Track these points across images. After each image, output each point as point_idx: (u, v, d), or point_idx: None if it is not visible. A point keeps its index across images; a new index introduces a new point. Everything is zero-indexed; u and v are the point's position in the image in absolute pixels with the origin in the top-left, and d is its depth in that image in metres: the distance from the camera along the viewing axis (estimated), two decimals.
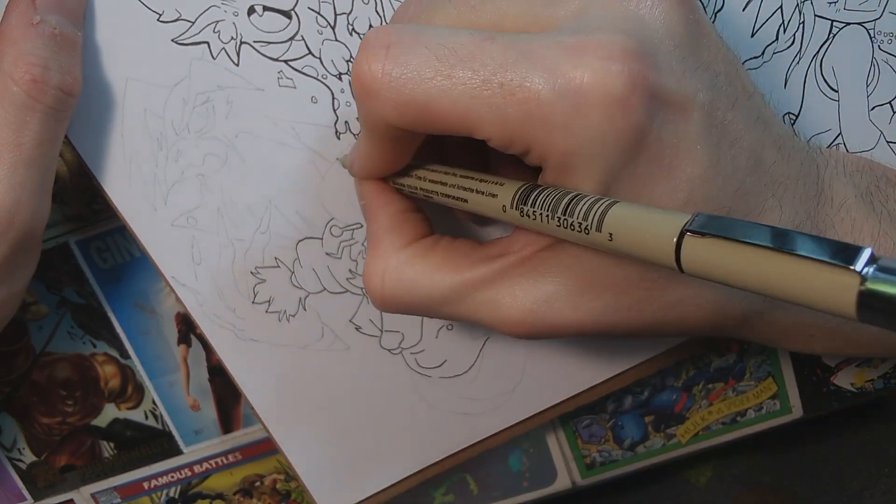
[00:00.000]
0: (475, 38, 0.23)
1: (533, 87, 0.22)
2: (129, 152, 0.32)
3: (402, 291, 0.27)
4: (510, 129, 0.22)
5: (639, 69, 0.22)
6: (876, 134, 0.32)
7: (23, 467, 0.43)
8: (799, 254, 0.17)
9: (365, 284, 0.28)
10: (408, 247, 0.28)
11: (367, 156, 0.27)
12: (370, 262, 0.28)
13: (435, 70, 0.22)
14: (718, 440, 0.41)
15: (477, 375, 0.35)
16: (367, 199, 0.29)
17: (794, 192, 0.26)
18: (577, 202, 0.22)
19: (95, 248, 0.38)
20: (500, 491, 0.43)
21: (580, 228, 0.22)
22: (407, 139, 0.26)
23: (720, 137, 0.24)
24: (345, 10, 0.30)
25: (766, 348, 0.39)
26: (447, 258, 0.27)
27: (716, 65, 0.24)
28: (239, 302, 0.34)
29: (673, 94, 0.22)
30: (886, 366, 0.39)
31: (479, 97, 0.22)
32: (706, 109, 0.23)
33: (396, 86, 0.23)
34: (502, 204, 0.24)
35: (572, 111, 0.22)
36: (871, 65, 0.31)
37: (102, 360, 0.40)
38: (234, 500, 0.44)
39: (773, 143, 0.25)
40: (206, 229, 0.33)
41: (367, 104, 0.24)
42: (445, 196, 0.27)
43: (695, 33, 0.24)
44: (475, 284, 0.26)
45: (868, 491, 0.44)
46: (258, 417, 0.36)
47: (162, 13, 0.30)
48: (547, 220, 0.23)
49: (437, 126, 0.23)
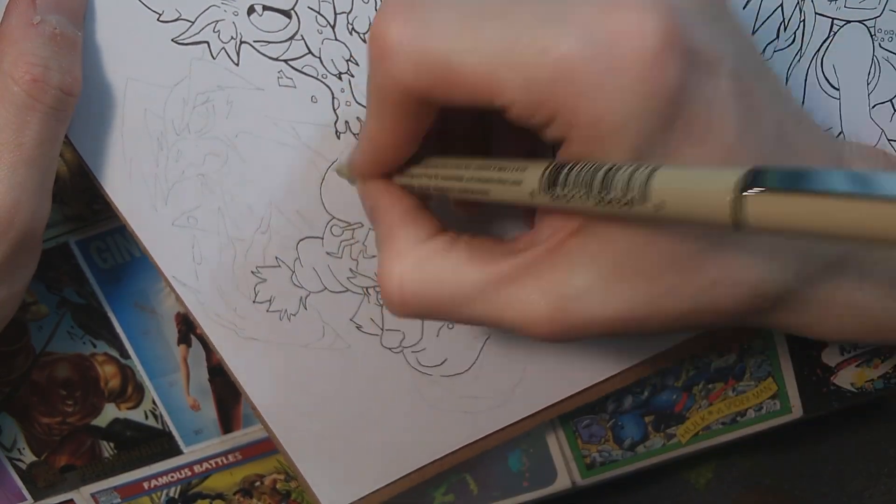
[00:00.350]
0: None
1: (564, 45, 0.21)
2: (129, 152, 0.32)
3: (424, 289, 0.25)
4: (537, 91, 0.21)
5: (673, 24, 0.21)
6: (877, 132, 0.32)
7: (23, 467, 0.43)
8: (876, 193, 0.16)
9: (381, 286, 0.26)
10: (426, 242, 0.26)
11: (373, 140, 0.26)
12: (385, 262, 0.26)
13: (461, 27, 0.22)
14: (718, 440, 0.41)
15: (477, 374, 0.35)
16: (373, 199, 0.28)
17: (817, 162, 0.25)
18: (615, 173, 0.20)
19: (95, 248, 0.38)
20: (500, 491, 0.43)
21: (623, 202, 0.20)
22: (418, 117, 0.24)
23: (748, 106, 0.23)
24: (345, 10, 0.30)
25: (766, 348, 0.39)
26: (470, 253, 0.25)
27: (737, 36, 0.24)
28: (240, 301, 0.34)
29: (705, 53, 0.22)
30: (886, 366, 0.39)
31: (508, 56, 0.21)
32: (734, 75, 0.22)
33: (418, 44, 0.22)
34: (529, 190, 0.23)
35: (605, 70, 0.21)
36: (872, 63, 0.31)
37: (102, 360, 0.40)
38: (234, 500, 0.44)
39: (793, 117, 0.25)
40: (207, 229, 0.33)
41: (384, 66, 0.23)
42: (464, 190, 0.25)
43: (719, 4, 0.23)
44: (502, 280, 0.25)
45: (868, 491, 0.44)
46: (259, 416, 0.36)
47: (162, 13, 0.30)
48: (583, 199, 0.21)
49: (458, 90, 0.22)
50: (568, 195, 0.21)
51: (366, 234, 0.33)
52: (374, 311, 0.34)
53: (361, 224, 0.33)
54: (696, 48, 0.21)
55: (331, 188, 0.32)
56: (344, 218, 0.33)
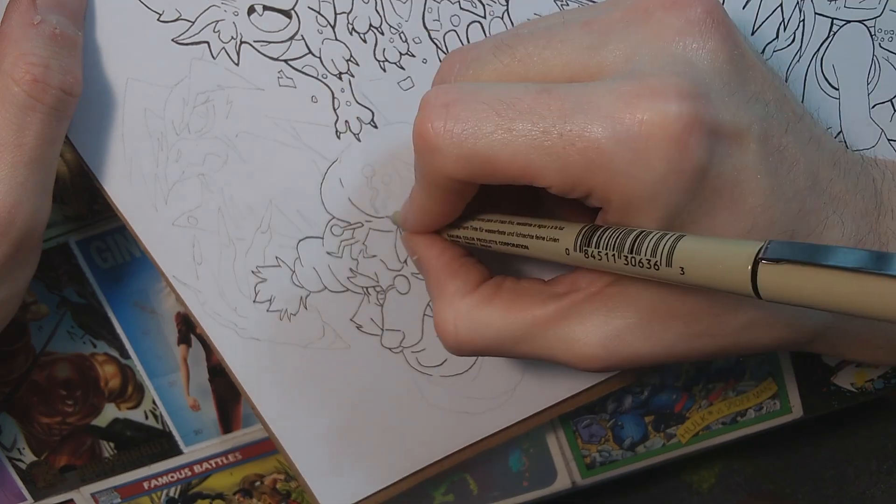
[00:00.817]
0: (531, 91, 0.23)
1: (592, 135, 0.22)
2: (129, 152, 0.32)
3: (476, 335, 0.28)
4: (571, 176, 0.23)
5: (694, 109, 0.22)
6: (877, 132, 0.32)
7: (23, 467, 0.43)
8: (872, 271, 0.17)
9: (438, 332, 0.29)
10: (475, 291, 0.28)
11: (424, 210, 0.28)
12: (440, 310, 0.28)
13: (495, 124, 0.23)
14: (719, 440, 0.41)
15: (477, 374, 0.35)
16: (420, 251, 0.30)
17: (853, 207, 0.26)
18: (643, 239, 0.22)
19: (95, 248, 0.38)
20: (500, 491, 0.43)
21: (649, 265, 0.22)
22: (464, 191, 0.26)
23: (778, 164, 0.24)
24: (345, 10, 0.30)
25: None
26: (515, 299, 0.28)
27: (765, 94, 0.25)
28: (240, 301, 0.34)
29: (729, 129, 0.23)
30: (886, 365, 0.39)
31: (540, 148, 0.23)
32: (761, 139, 0.23)
33: (458, 141, 0.23)
34: (565, 247, 0.25)
35: (633, 156, 0.22)
36: (872, 63, 0.31)
37: (102, 360, 0.40)
38: (234, 500, 0.44)
39: (828, 160, 0.26)
40: (207, 229, 0.33)
41: (430, 159, 0.24)
42: (504, 244, 0.27)
43: (741, 67, 0.24)
44: (546, 323, 0.27)
45: (870, 490, 0.44)
46: (258, 416, 0.36)
47: (162, 13, 0.30)
48: (613, 259, 0.23)
49: (499, 177, 0.24)
50: (600, 254, 0.23)
51: (366, 234, 0.33)
52: (374, 311, 0.34)
53: (361, 224, 0.33)
54: (720, 124, 0.23)
55: (331, 188, 0.32)
56: (344, 218, 0.33)
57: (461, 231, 0.29)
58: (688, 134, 0.22)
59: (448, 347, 0.29)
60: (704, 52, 0.24)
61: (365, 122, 0.32)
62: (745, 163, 0.23)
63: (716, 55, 0.24)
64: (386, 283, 0.34)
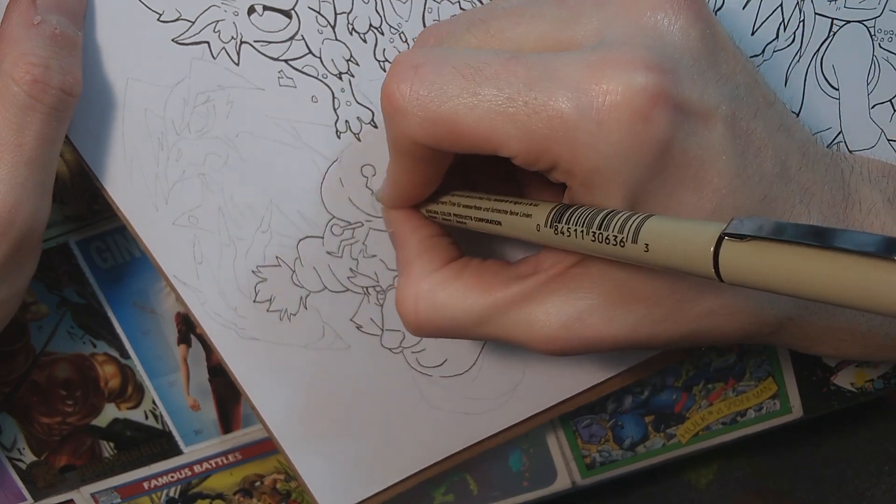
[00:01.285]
0: (500, 57, 0.23)
1: (556, 104, 0.22)
2: (129, 152, 0.32)
3: (435, 315, 0.28)
4: (535, 146, 0.23)
5: (660, 82, 0.22)
6: (877, 132, 0.32)
7: (23, 467, 0.43)
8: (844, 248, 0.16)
9: (398, 310, 0.28)
10: (439, 270, 0.28)
11: (396, 181, 0.28)
12: (402, 287, 0.28)
13: (461, 88, 0.23)
14: (719, 440, 0.41)
15: (478, 375, 0.35)
16: (395, 226, 0.30)
17: (821, 197, 0.26)
18: (612, 217, 0.22)
19: (95, 248, 0.38)
20: (500, 491, 0.43)
21: (615, 241, 0.22)
22: (435, 161, 0.26)
23: (745, 147, 0.24)
24: (345, 10, 0.30)
25: (766, 348, 0.39)
26: (478, 279, 0.28)
27: (735, 76, 0.25)
28: (240, 301, 0.34)
29: (695, 106, 0.23)
30: (886, 366, 0.39)
31: (504, 115, 0.23)
32: (729, 120, 0.23)
33: (423, 103, 0.23)
34: (536, 223, 0.25)
35: (596, 127, 0.22)
36: (872, 63, 0.31)
37: (102, 360, 0.40)
38: (234, 500, 0.44)
39: (797, 149, 0.26)
40: (208, 228, 0.33)
41: (396, 123, 0.24)
42: (479, 220, 0.27)
43: (712, 46, 0.24)
44: (507, 304, 0.27)
45: (870, 491, 0.44)
46: (259, 417, 0.36)
47: (162, 13, 0.30)
48: (581, 235, 0.23)
49: (463, 143, 0.24)
50: (568, 230, 0.23)
51: (366, 233, 0.33)
52: (375, 311, 0.34)
53: (361, 224, 0.33)
54: (687, 101, 0.22)
55: (331, 188, 0.32)
56: (344, 217, 0.33)
57: (438, 206, 0.29)
58: (651, 106, 0.22)
59: (408, 326, 0.28)
60: (675, 29, 0.23)
61: (365, 121, 0.32)
62: (710, 142, 0.23)
63: (687, 32, 0.23)
64: (386, 283, 0.34)
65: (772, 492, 0.45)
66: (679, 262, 0.20)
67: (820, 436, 0.45)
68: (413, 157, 0.26)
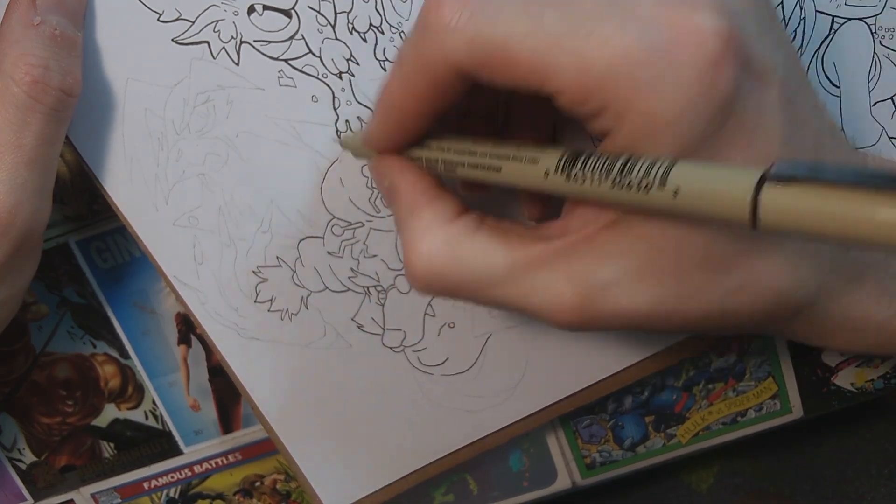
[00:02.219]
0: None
1: (625, 37, 0.20)
2: (129, 152, 0.32)
3: (452, 269, 0.25)
4: (591, 82, 0.21)
5: (734, 29, 0.21)
6: (878, 129, 0.32)
7: (23, 467, 0.43)
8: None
9: (407, 261, 0.26)
10: (454, 221, 0.26)
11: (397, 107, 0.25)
12: (413, 238, 0.26)
13: (521, 10, 0.21)
14: (719, 440, 0.41)
15: (479, 373, 0.35)
16: (391, 178, 0.27)
17: None
18: (636, 161, 0.20)
19: (95, 248, 0.38)
20: (500, 491, 0.43)
21: (639, 187, 0.20)
22: (451, 91, 0.24)
23: (793, 116, 0.23)
24: (345, 9, 0.30)
25: (766, 348, 0.39)
26: (500, 236, 0.25)
27: (785, 45, 0.24)
28: (241, 301, 0.34)
29: (758, 64, 0.22)
30: (886, 366, 0.39)
31: (565, 43, 0.21)
32: (783, 84, 0.23)
33: (476, 21, 0.22)
34: (545, 169, 0.22)
35: (665, 66, 0.20)
36: (873, 60, 0.31)
37: (102, 360, 0.40)
38: (235, 501, 0.44)
39: (828, 130, 0.25)
40: (208, 229, 0.33)
41: (436, 40, 0.22)
42: (473, 167, 0.25)
43: (769, 13, 0.24)
44: (532, 264, 0.24)
45: (871, 494, 0.44)
46: (259, 416, 0.36)
47: (162, 13, 0.30)
48: (599, 181, 0.21)
49: (509, 72, 0.22)
50: (584, 176, 0.21)
51: (367, 233, 0.33)
52: (376, 310, 0.34)
53: (362, 224, 0.33)
54: (752, 55, 0.21)
55: (332, 188, 0.32)
56: (345, 217, 0.33)
57: (424, 152, 0.26)
58: (725, 54, 0.20)
59: (415, 281, 0.26)
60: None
61: (365, 121, 0.32)
62: (766, 104, 0.22)
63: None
64: (387, 283, 0.34)
65: (772, 494, 0.45)
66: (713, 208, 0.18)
67: (820, 436, 0.45)
68: (432, 83, 0.23)
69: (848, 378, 0.40)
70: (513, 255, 0.25)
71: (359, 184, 0.32)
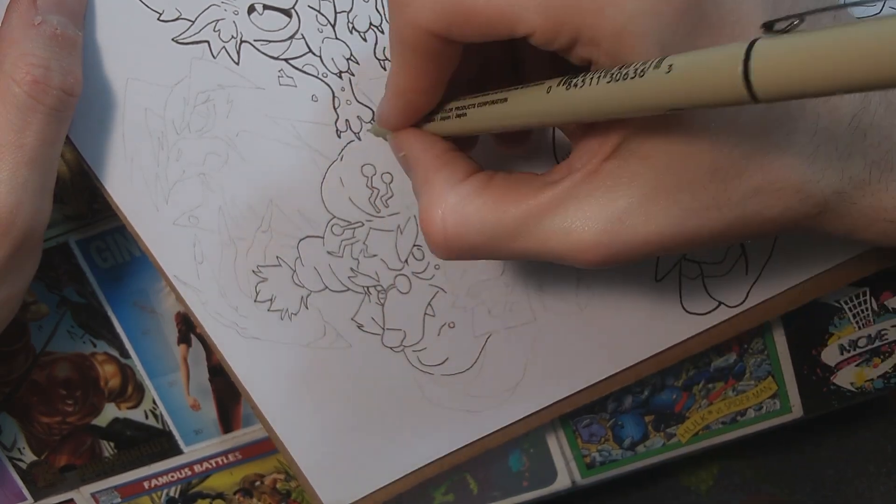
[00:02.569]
0: None
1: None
2: (130, 152, 0.32)
3: (466, 229, 0.25)
4: (556, 14, 0.21)
5: None
6: None
7: (23, 467, 0.43)
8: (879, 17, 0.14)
9: (424, 230, 0.26)
10: (463, 182, 0.26)
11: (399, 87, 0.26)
12: (427, 205, 0.26)
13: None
14: (719, 440, 0.41)
15: (479, 373, 0.35)
16: (406, 147, 0.28)
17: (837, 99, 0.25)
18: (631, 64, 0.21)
19: (95, 247, 0.38)
20: (500, 491, 0.43)
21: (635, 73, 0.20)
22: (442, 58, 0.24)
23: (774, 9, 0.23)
24: (345, 9, 0.30)
25: (766, 348, 0.39)
26: (509, 189, 0.25)
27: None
28: (241, 300, 0.34)
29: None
30: (886, 365, 0.40)
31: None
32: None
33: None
34: (547, 87, 0.23)
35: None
36: None
37: (102, 359, 0.40)
38: (235, 500, 0.44)
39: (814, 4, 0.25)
40: (208, 228, 0.33)
41: (404, 12, 0.23)
42: (483, 104, 0.25)
43: None
44: (542, 210, 0.25)
45: (870, 492, 0.44)
46: (259, 416, 0.36)
47: (162, 12, 0.30)
48: (597, 81, 0.21)
49: (478, 26, 0.22)
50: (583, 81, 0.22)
51: (366, 233, 0.33)
52: (376, 310, 0.34)
53: (362, 223, 0.33)
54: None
55: (331, 187, 0.32)
56: (345, 217, 0.33)
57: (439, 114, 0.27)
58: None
59: (435, 247, 0.26)
60: None
61: (365, 120, 0.32)
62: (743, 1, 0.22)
63: None
64: (387, 283, 0.34)
65: (772, 495, 0.45)
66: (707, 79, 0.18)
67: (820, 436, 0.46)
68: (420, 53, 0.24)
69: (848, 378, 0.40)
70: (524, 205, 0.25)
71: (359, 184, 0.32)
